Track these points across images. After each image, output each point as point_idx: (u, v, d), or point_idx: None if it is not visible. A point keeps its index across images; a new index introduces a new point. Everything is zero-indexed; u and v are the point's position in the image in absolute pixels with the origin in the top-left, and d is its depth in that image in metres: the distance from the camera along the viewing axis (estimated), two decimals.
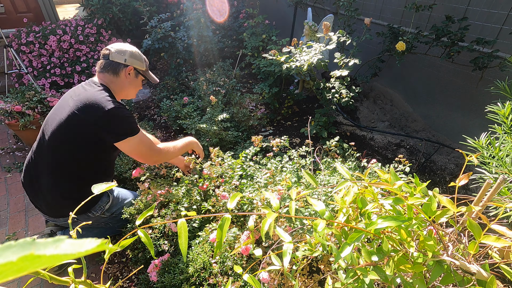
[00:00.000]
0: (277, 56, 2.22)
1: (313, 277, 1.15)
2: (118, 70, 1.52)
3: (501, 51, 1.90)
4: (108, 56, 1.50)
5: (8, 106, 2.45)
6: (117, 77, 1.53)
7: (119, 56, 1.51)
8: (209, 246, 1.29)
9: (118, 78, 1.53)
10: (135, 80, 1.60)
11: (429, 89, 2.57)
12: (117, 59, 1.50)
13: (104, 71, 1.51)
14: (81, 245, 0.19)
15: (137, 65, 1.57)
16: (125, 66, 1.52)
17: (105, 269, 1.68)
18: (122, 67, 1.52)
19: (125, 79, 1.55)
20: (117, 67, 1.51)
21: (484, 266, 0.65)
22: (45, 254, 0.17)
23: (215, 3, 3.93)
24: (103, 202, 1.59)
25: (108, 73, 1.51)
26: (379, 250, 0.66)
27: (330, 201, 1.27)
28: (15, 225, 1.98)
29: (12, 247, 0.17)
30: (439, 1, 2.26)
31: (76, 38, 3.65)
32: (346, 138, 2.62)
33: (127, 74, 1.55)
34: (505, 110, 1.00)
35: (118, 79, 1.54)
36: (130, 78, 1.57)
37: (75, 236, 0.60)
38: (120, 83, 1.55)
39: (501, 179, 0.73)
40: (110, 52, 1.50)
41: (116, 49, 1.51)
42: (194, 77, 3.44)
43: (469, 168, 2.03)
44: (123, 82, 1.56)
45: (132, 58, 1.54)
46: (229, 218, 0.62)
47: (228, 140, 2.32)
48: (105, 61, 1.51)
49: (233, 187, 1.46)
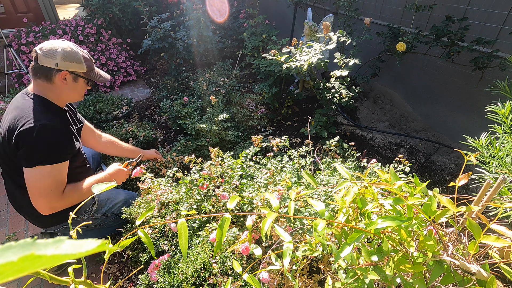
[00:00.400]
0: (277, 56, 2.22)
1: (313, 277, 1.15)
2: (50, 76, 1.27)
3: (501, 51, 1.90)
4: (37, 60, 1.24)
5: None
6: (51, 84, 1.29)
7: (48, 60, 1.24)
8: (209, 246, 1.29)
9: (53, 84, 1.29)
10: (75, 85, 1.35)
11: (429, 89, 2.56)
12: (47, 63, 1.24)
13: (36, 77, 1.28)
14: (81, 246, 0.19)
15: (74, 68, 1.30)
16: (58, 71, 1.27)
17: (105, 269, 1.68)
18: (55, 72, 1.26)
19: (61, 84, 1.31)
20: (49, 72, 1.26)
21: (484, 266, 0.65)
22: (46, 254, 0.17)
23: (215, 3, 3.93)
24: (87, 204, 1.53)
25: (40, 79, 1.28)
26: (379, 250, 0.66)
27: (330, 201, 1.27)
28: (15, 225, 1.98)
29: (13, 248, 0.17)
30: (439, 1, 2.26)
31: (76, 38, 3.65)
32: (346, 138, 2.62)
33: (62, 79, 1.29)
34: (505, 110, 1.00)
35: (53, 86, 1.30)
36: (68, 84, 1.32)
37: (75, 236, 0.60)
38: (56, 90, 1.32)
39: (501, 179, 0.73)
40: (37, 54, 1.24)
41: (45, 51, 1.24)
42: (194, 77, 3.44)
43: (469, 168, 2.03)
44: (59, 88, 1.32)
45: (65, 61, 1.26)
46: (229, 218, 0.62)
47: (228, 140, 2.32)
48: (35, 64, 1.26)
49: (233, 187, 1.46)
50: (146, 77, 4.13)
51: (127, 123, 2.71)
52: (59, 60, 1.25)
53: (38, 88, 1.31)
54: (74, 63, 1.30)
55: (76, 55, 1.30)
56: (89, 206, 1.55)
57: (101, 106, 2.86)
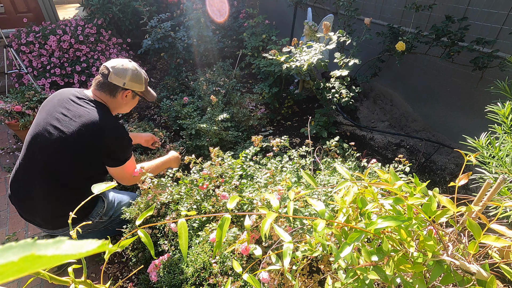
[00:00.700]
0: (277, 56, 2.22)
1: (313, 277, 1.15)
2: (116, 92, 1.45)
3: (501, 51, 1.90)
4: (107, 77, 1.42)
5: (8, 106, 2.45)
6: (113, 98, 1.47)
7: (118, 79, 1.43)
8: (209, 246, 1.29)
9: (115, 99, 1.47)
10: (131, 101, 1.56)
11: (429, 89, 2.56)
12: (116, 81, 1.43)
13: (101, 90, 1.44)
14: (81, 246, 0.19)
15: (136, 88, 1.50)
16: (124, 89, 1.46)
17: (105, 269, 1.68)
18: (120, 89, 1.45)
19: (121, 100, 1.49)
20: (115, 89, 1.44)
21: (484, 266, 0.65)
22: (46, 255, 0.17)
23: (215, 3, 3.93)
24: (99, 207, 1.57)
25: (105, 93, 1.45)
26: (379, 250, 0.66)
27: (330, 201, 1.27)
28: (15, 225, 1.98)
29: (13, 248, 0.17)
30: (439, 1, 2.25)
31: (76, 38, 3.65)
32: (346, 138, 2.62)
33: (123, 96, 1.49)
34: (505, 110, 1.00)
35: (114, 100, 1.48)
36: (127, 100, 1.52)
37: (75, 237, 0.60)
38: (115, 103, 1.50)
39: (501, 179, 0.73)
40: (110, 73, 1.41)
41: (117, 71, 1.42)
42: (194, 77, 3.44)
43: (469, 168, 2.03)
44: (118, 103, 1.50)
45: (131, 82, 1.46)
46: (229, 218, 0.62)
47: (228, 140, 2.32)
48: (103, 80, 1.43)
49: (233, 187, 1.46)
50: None
51: (127, 123, 2.71)
52: (127, 80, 1.44)
53: (100, 97, 1.46)
54: (137, 84, 1.49)
55: (140, 77, 1.50)
56: (100, 209, 1.57)
57: None
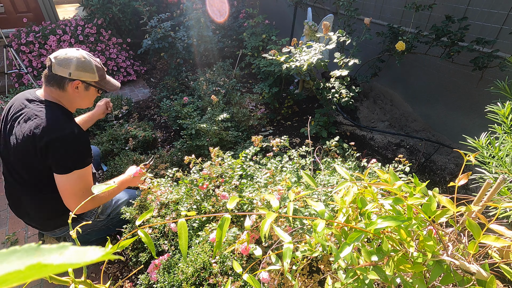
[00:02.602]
0: (277, 56, 2.22)
1: (313, 277, 1.15)
2: (63, 84, 1.31)
3: (501, 51, 1.90)
4: (51, 69, 1.29)
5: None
6: (64, 92, 1.33)
7: (62, 70, 1.28)
8: (209, 246, 1.30)
9: (66, 92, 1.34)
10: (87, 93, 1.41)
11: (429, 89, 2.56)
12: (61, 72, 1.28)
13: (49, 84, 1.32)
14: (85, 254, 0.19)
15: (87, 77, 1.35)
16: (71, 80, 1.31)
17: (105, 269, 1.68)
18: (67, 81, 1.31)
19: (73, 93, 1.35)
20: (62, 81, 1.31)
21: (484, 266, 0.65)
22: (52, 264, 0.17)
23: (215, 3, 3.93)
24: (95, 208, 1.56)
25: (53, 87, 1.32)
26: (379, 250, 0.66)
27: (330, 201, 1.27)
28: (15, 225, 1.98)
29: (17, 252, 0.17)
30: (439, 1, 2.25)
31: (76, 38, 3.65)
32: (346, 138, 2.62)
33: (74, 88, 1.34)
34: (505, 110, 1.00)
35: (65, 93, 1.34)
36: (80, 92, 1.37)
37: (75, 236, 0.60)
38: (69, 98, 1.37)
39: (501, 179, 0.73)
40: (52, 63, 1.28)
41: (59, 60, 1.28)
42: (194, 77, 3.44)
43: (469, 168, 2.03)
44: (71, 96, 1.36)
45: (78, 71, 1.31)
46: (228, 218, 0.62)
47: (228, 140, 2.32)
48: (48, 72, 1.30)
49: (233, 187, 1.46)
50: (146, 77, 4.13)
51: (127, 123, 2.71)
52: (73, 70, 1.30)
53: (51, 95, 1.34)
54: (86, 73, 1.34)
55: (89, 65, 1.35)
56: (94, 209, 1.57)
57: None
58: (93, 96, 1.46)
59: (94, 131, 2.66)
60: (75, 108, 1.45)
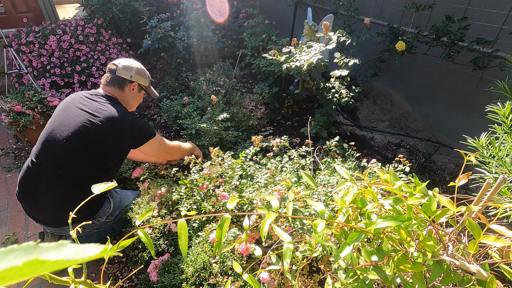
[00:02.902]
0: (277, 56, 2.22)
1: (313, 277, 1.15)
2: (124, 85, 1.61)
3: (501, 51, 1.90)
4: (115, 71, 1.59)
5: (8, 106, 2.45)
6: (122, 92, 1.62)
7: (125, 72, 1.60)
8: (209, 246, 1.30)
9: (123, 92, 1.63)
10: (138, 95, 1.71)
11: (429, 89, 2.56)
12: (123, 75, 1.59)
13: (110, 85, 1.60)
14: (83, 251, 0.19)
15: (141, 81, 1.67)
16: (130, 82, 1.62)
17: (105, 269, 1.68)
18: (128, 82, 1.62)
19: (129, 93, 1.65)
20: (123, 82, 1.61)
21: (484, 266, 0.65)
22: (50, 260, 0.17)
23: (215, 3, 3.93)
24: (105, 207, 1.58)
25: (114, 87, 1.60)
26: (379, 250, 0.66)
27: (330, 201, 1.27)
28: (15, 225, 1.98)
29: (16, 251, 0.17)
30: (439, 1, 2.25)
31: (76, 38, 3.65)
32: (346, 138, 2.61)
33: (131, 89, 1.64)
34: (505, 110, 1.00)
35: (123, 93, 1.63)
36: (134, 93, 1.67)
37: (75, 236, 0.60)
38: (124, 97, 1.65)
39: (501, 179, 0.73)
40: (117, 67, 1.59)
41: (123, 65, 1.60)
42: (194, 77, 3.44)
43: (469, 168, 2.03)
44: (127, 96, 1.65)
45: (137, 75, 1.63)
46: (228, 218, 0.62)
47: (228, 140, 2.32)
48: (111, 75, 1.59)
49: (233, 187, 1.46)
50: None
51: None
52: (133, 73, 1.62)
53: (111, 92, 1.60)
54: (142, 77, 1.67)
55: (144, 72, 1.69)
56: (106, 209, 1.58)
57: None
58: (140, 99, 1.76)
59: None
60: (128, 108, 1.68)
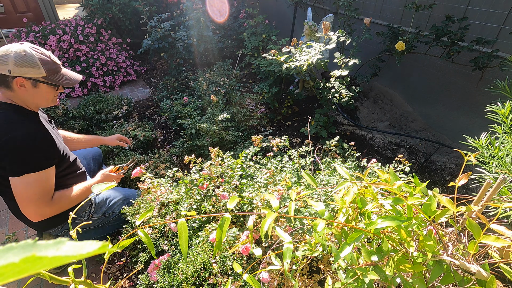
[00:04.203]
0: (277, 56, 2.22)
1: (313, 277, 1.15)
2: (7, 83, 1.19)
3: (501, 50, 1.90)
4: None
5: None
6: (11, 91, 1.22)
7: (1, 67, 1.16)
8: (209, 246, 1.30)
9: (13, 91, 1.22)
10: (37, 90, 1.25)
11: (429, 89, 2.56)
12: (1, 70, 1.16)
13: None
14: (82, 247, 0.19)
15: (31, 73, 1.19)
16: (13, 77, 1.18)
17: (105, 269, 1.68)
18: (10, 78, 1.18)
19: (21, 91, 1.22)
20: (5, 79, 1.19)
21: (484, 265, 0.65)
22: (47, 256, 0.17)
23: (215, 3, 3.93)
24: (84, 207, 1.53)
25: (2, 87, 1.21)
26: (379, 250, 0.66)
27: (330, 201, 1.27)
28: (15, 225, 1.98)
29: (14, 249, 0.17)
30: (439, 0, 2.25)
31: (76, 38, 3.65)
32: (346, 138, 2.61)
33: (18, 86, 1.20)
34: (505, 109, 1.00)
35: (13, 93, 1.23)
36: (28, 90, 1.23)
37: (74, 236, 0.60)
38: (19, 97, 1.24)
39: (501, 179, 0.73)
40: None
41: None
42: (194, 77, 3.44)
43: (469, 167, 2.03)
44: (21, 95, 1.24)
45: (18, 67, 1.16)
46: (228, 218, 0.62)
47: (228, 140, 2.32)
48: None
49: (233, 187, 1.46)
50: (146, 77, 4.13)
51: (127, 123, 2.71)
52: (11, 66, 1.16)
53: (4, 95, 1.25)
54: (29, 68, 1.19)
55: (31, 59, 1.19)
56: (86, 208, 1.56)
57: (101, 106, 2.86)
58: (48, 93, 1.29)
59: (94, 131, 2.66)
60: (35, 106, 1.31)
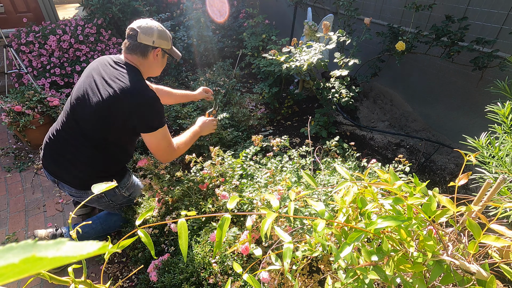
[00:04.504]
0: (277, 56, 2.22)
1: (313, 277, 1.15)
2: (147, 52, 1.47)
3: (501, 51, 1.90)
4: (136, 38, 1.42)
5: (8, 106, 2.45)
6: (145, 59, 1.49)
7: (147, 38, 1.43)
8: (209, 246, 1.30)
9: (146, 60, 1.49)
10: (162, 60, 1.57)
11: (429, 89, 2.56)
12: (145, 41, 1.43)
13: (132, 52, 1.46)
14: (82, 248, 0.19)
15: (164, 45, 1.51)
16: (154, 48, 1.47)
17: (105, 269, 1.68)
18: (151, 49, 1.46)
19: (153, 60, 1.51)
20: (145, 49, 1.46)
21: (484, 265, 0.65)
22: (47, 256, 0.17)
23: (215, 3, 3.93)
24: (126, 179, 1.65)
25: (137, 55, 1.47)
26: (379, 250, 0.66)
27: (330, 201, 1.27)
28: (15, 225, 1.98)
29: (14, 249, 0.17)
30: (439, 0, 2.25)
31: (76, 38, 3.65)
32: (346, 138, 2.61)
33: (155, 55, 1.50)
34: (505, 109, 1.00)
35: (145, 61, 1.50)
36: (158, 59, 1.53)
37: (74, 236, 0.60)
38: (148, 64, 1.52)
39: (501, 179, 0.73)
40: (138, 33, 1.42)
41: (144, 30, 1.42)
42: (194, 77, 3.44)
43: (469, 167, 2.03)
44: (150, 63, 1.52)
45: (160, 39, 1.47)
46: (228, 218, 0.62)
47: (228, 140, 2.32)
48: (132, 42, 1.44)
49: (233, 186, 1.46)
50: None
51: None
52: (156, 38, 1.44)
53: (132, 61, 1.48)
54: (165, 41, 1.49)
55: (166, 34, 1.50)
56: (127, 181, 1.66)
57: None
58: (164, 63, 1.60)
59: None
60: (147, 75, 1.57)
